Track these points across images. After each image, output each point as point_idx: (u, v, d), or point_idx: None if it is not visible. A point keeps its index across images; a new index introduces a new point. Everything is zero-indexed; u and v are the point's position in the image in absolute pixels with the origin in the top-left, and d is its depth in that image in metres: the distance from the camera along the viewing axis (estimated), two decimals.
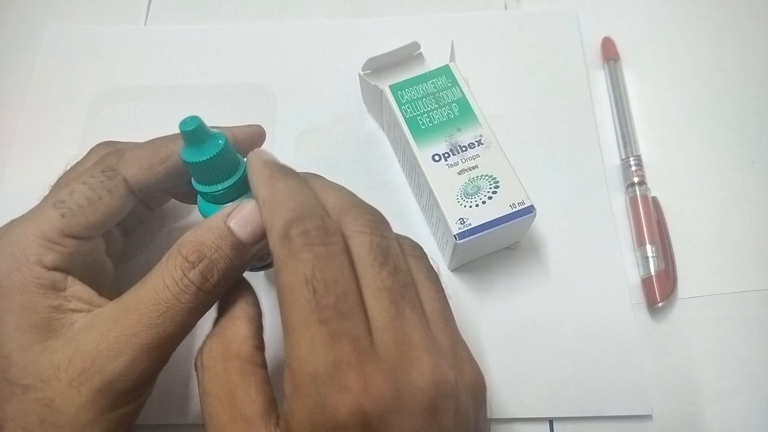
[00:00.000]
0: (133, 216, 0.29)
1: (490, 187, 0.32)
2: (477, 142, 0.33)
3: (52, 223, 0.25)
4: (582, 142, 0.39)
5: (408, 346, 0.21)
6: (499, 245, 0.35)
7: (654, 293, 0.35)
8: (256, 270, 0.30)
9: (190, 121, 0.24)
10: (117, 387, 0.23)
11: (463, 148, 0.33)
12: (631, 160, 0.38)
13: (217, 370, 0.23)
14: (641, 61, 0.42)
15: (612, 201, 0.38)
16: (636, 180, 0.37)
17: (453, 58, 0.36)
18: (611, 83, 0.41)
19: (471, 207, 0.31)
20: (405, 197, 0.38)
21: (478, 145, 0.33)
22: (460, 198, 0.32)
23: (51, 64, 0.43)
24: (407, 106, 0.34)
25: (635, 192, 0.37)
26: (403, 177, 0.38)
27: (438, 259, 0.36)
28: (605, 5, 0.44)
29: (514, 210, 0.31)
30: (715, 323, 0.35)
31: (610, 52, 0.42)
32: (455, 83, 0.35)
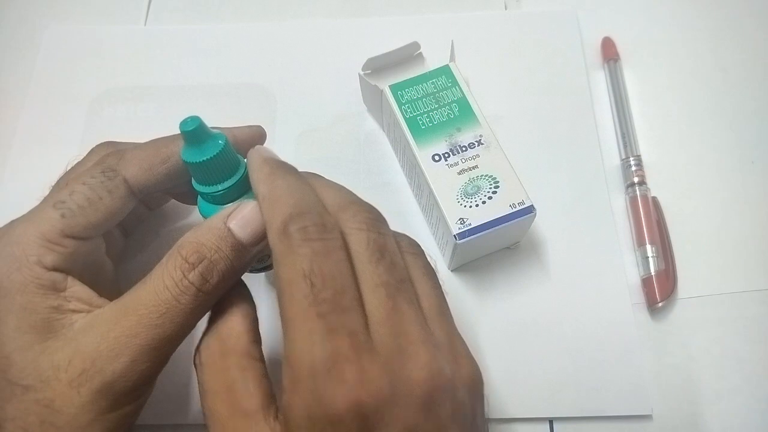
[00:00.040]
0: (134, 216, 0.29)
1: (490, 187, 0.32)
2: (477, 142, 0.33)
3: (53, 223, 0.25)
4: (582, 142, 0.39)
5: (405, 341, 0.21)
6: (499, 245, 0.35)
7: (654, 293, 0.35)
8: (256, 271, 0.30)
9: (191, 121, 0.24)
10: (117, 388, 0.23)
11: (463, 148, 0.33)
12: (631, 160, 0.38)
13: (216, 366, 0.23)
14: (641, 61, 0.42)
15: (612, 201, 0.38)
16: (636, 180, 0.37)
17: (453, 58, 0.36)
18: (611, 83, 0.41)
19: (471, 207, 0.31)
20: (405, 197, 0.38)
21: (478, 145, 0.33)
22: (460, 198, 0.32)
23: (51, 64, 0.42)
24: (407, 106, 0.34)
25: (635, 192, 0.37)
26: (403, 177, 0.38)
27: (438, 258, 0.36)
28: (605, 5, 0.44)
29: (514, 210, 0.31)
30: (715, 323, 0.35)
31: (610, 52, 0.42)
32: (455, 83, 0.35)
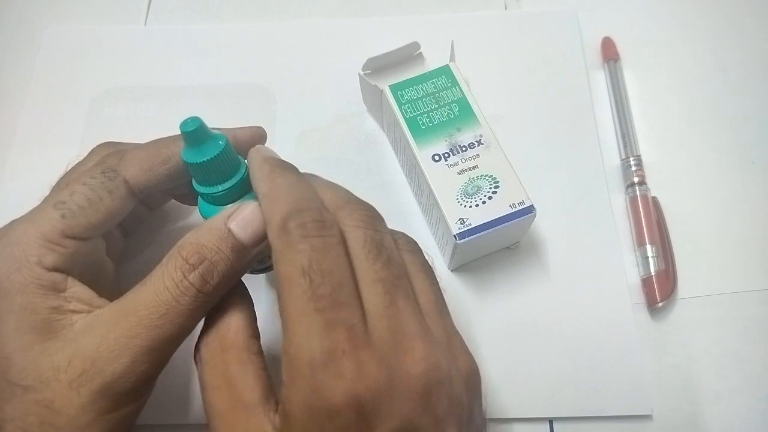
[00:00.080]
0: (134, 216, 0.29)
1: (490, 187, 0.32)
2: (477, 142, 0.33)
3: (53, 223, 0.25)
4: (582, 142, 0.39)
5: (402, 335, 0.22)
6: (499, 245, 0.35)
7: (654, 293, 0.35)
8: (257, 272, 0.30)
9: (191, 121, 0.24)
10: (117, 388, 0.23)
11: (463, 148, 0.33)
12: (631, 160, 0.38)
13: (215, 360, 0.23)
14: (641, 61, 0.42)
15: (612, 201, 0.38)
16: (636, 180, 0.37)
17: (453, 58, 0.36)
18: (611, 83, 0.41)
19: (471, 207, 0.31)
20: (405, 197, 0.38)
21: (478, 145, 0.33)
22: (460, 198, 0.32)
23: (51, 64, 0.42)
24: (407, 106, 0.34)
25: (635, 192, 0.37)
26: (403, 177, 0.38)
27: (438, 258, 0.36)
28: (605, 5, 0.44)
29: (514, 210, 0.31)
30: (715, 323, 0.35)
31: (610, 52, 0.42)
32: (455, 83, 0.35)
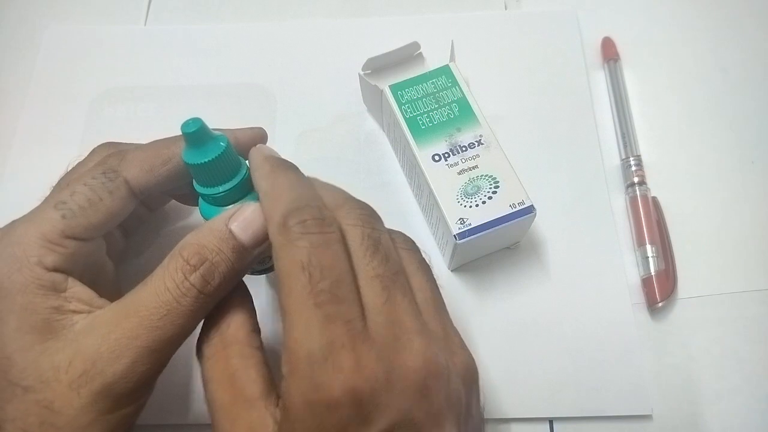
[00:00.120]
0: (134, 217, 0.29)
1: (490, 187, 0.32)
2: (477, 142, 0.33)
3: (53, 224, 0.25)
4: (582, 142, 0.39)
5: (399, 330, 0.22)
6: (499, 245, 0.35)
7: (654, 293, 0.35)
8: (257, 273, 0.30)
9: (192, 122, 0.24)
10: (117, 389, 0.23)
11: (463, 148, 0.33)
12: (631, 160, 0.38)
13: (217, 355, 0.24)
14: (641, 61, 0.42)
15: (612, 201, 0.38)
16: (636, 180, 0.37)
17: (453, 58, 0.36)
18: (611, 83, 0.41)
19: (471, 207, 0.31)
20: (405, 197, 0.38)
21: (478, 145, 0.33)
22: (460, 198, 0.32)
23: (51, 64, 0.42)
24: (407, 106, 0.34)
25: (635, 192, 0.37)
26: (403, 177, 0.38)
27: (438, 258, 0.36)
28: (605, 5, 0.44)
29: (514, 210, 0.31)
30: (715, 323, 0.35)
31: (610, 52, 0.42)
32: (455, 83, 0.35)
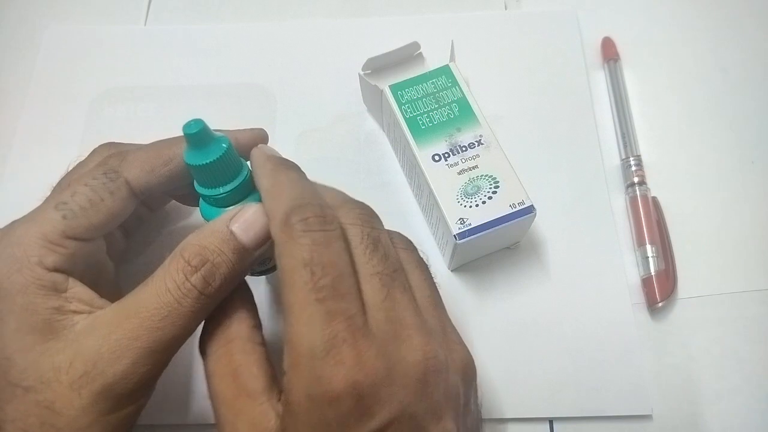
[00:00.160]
0: (135, 217, 0.29)
1: (490, 187, 0.32)
2: (477, 142, 0.33)
3: (54, 224, 0.25)
4: (582, 142, 0.39)
5: (399, 325, 0.22)
6: (499, 245, 0.35)
7: (654, 293, 0.35)
8: (257, 274, 0.30)
9: (194, 123, 0.24)
10: (118, 390, 0.23)
11: (463, 148, 0.33)
12: (631, 160, 0.38)
13: (220, 352, 0.24)
14: (641, 61, 0.42)
15: (612, 201, 0.38)
16: (636, 180, 0.37)
17: (453, 58, 0.36)
18: (611, 83, 0.41)
19: (471, 207, 0.31)
20: (405, 197, 0.38)
21: (478, 145, 0.33)
22: (460, 198, 0.32)
23: (51, 64, 0.42)
24: (407, 106, 0.34)
25: (635, 192, 0.37)
26: (403, 177, 0.38)
27: (438, 258, 0.36)
28: (605, 5, 0.44)
29: (514, 210, 0.31)
30: (715, 323, 0.35)
31: (610, 52, 0.42)
32: (455, 83, 0.35)
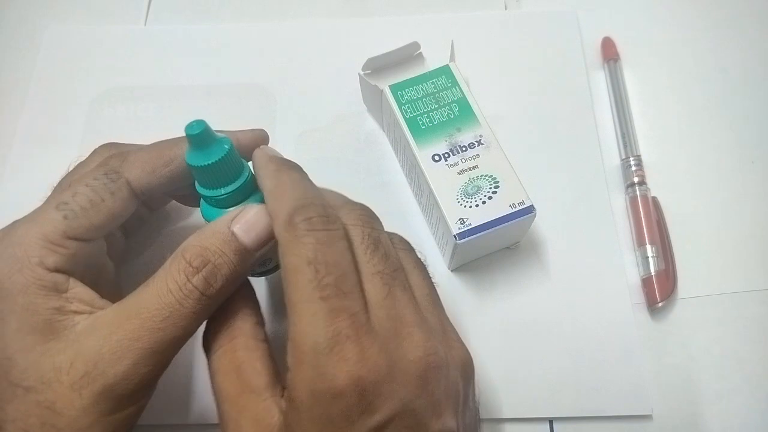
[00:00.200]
0: (135, 217, 0.29)
1: (490, 187, 0.32)
2: (477, 142, 0.33)
3: (55, 224, 0.25)
4: (582, 142, 0.39)
5: (400, 323, 0.23)
6: (499, 245, 0.35)
7: (654, 293, 0.35)
8: (257, 275, 0.30)
9: (196, 124, 0.24)
10: (118, 390, 0.23)
11: (463, 148, 0.33)
12: (631, 160, 0.38)
13: (224, 348, 0.24)
14: (641, 61, 0.42)
15: (612, 201, 0.38)
16: (636, 180, 0.37)
17: (453, 58, 0.36)
18: (611, 83, 0.41)
19: (471, 207, 0.31)
20: (405, 197, 0.38)
21: (478, 145, 0.33)
22: (460, 198, 0.32)
23: (51, 64, 0.42)
24: (407, 106, 0.34)
25: (635, 192, 0.37)
26: (403, 177, 0.38)
27: (438, 258, 0.36)
28: (605, 5, 0.44)
29: (514, 210, 0.31)
30: (715, 323, 0.35)
31: (610, 52, 0.42)
32: (455, 83, 0.35)
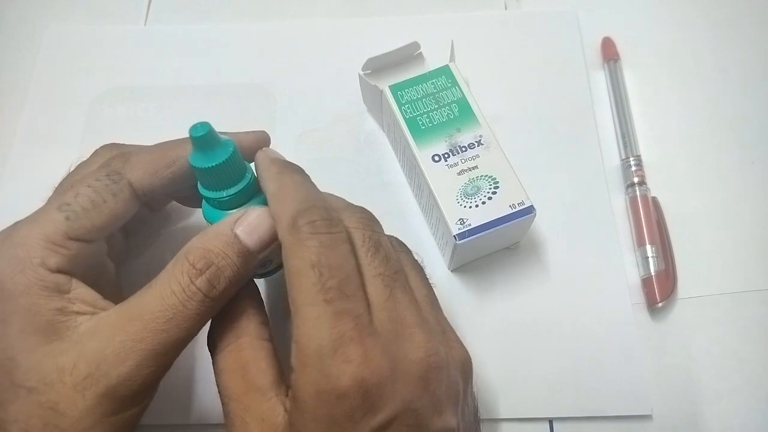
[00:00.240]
0: (136, 218, 0.29)
1: (490, 188, 0.32)
2: (477, 142, 0.33)
3: (57, 225, 0.25)
4: (582, 142, 0.39)
5: (402, 324, 0.23)
6: (499, 245, 0.35)
7: (654, 293, 0.35)
8: (258, 277, 0.30)
9: (201, 126, 0.24)
10: (121, 392, 0.23)
11: (463, 149, 0.33)
12: (631, 160, 0.38)
13: (229, 348, 0.25)
14: (641, 61, 0.42)
15: (612, 201, 0.38)
16: (636, 180, 0.37)
17: (453, 58, 0.36)
18: (611, 83, 0.41)
19: (471, 207, 0.31)
20: (405, 197, 0.38)
21: (478, 145, 0.33)
22: (460, 198, 0.32)
23: (51, 64, 0.42)
24: (407, 106, 0.34)
25: (635, 192, 0.37)
26: (403, 177, 0.38)
27: (438, 259, 0.36)
28: (605, 5, 0.44)
29: (514, 210, 0.31)
30: (715, 323, 0.35)
31: (610, 52, 0.42)
32: (455, 83, 0.35)
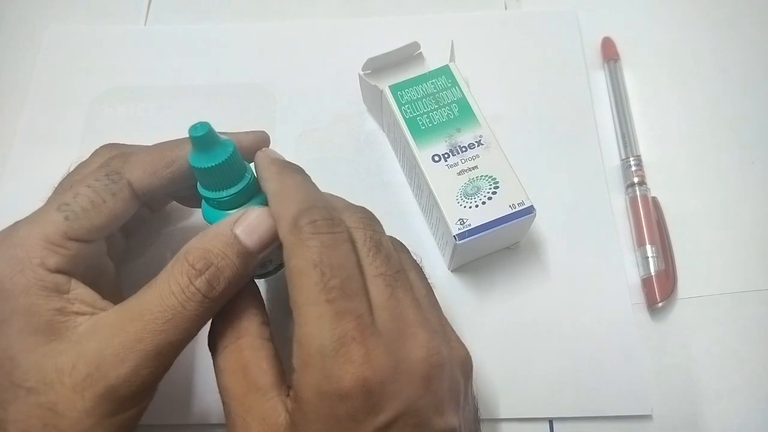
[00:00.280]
0: (135, 218, 0.29)
1: (490, 188, 0.32)
2: (477, 142, 0.33)
3: (56, 225, 0.24)
4: (582, 142, 0.39)
5: (404, 324, 0.23)
6: (499, 245, 0.35)
7: (654, 293, 0.35)
8: (258, 277, 0.30)
9: (200, 126, 0.24)
10: (121, 392, 0.23)
11: (463, 149, 0.33)
12: (631, 160, 0.38)
13: (230, 348, 0.24)
14: (641, 61, 0.42)
15: (612, 201, 0.38)
16: (636, 180, 0.37)
17: (453, 58, 0.36)
18: (611, 83, 0.41)
19: (471, 207, 0.31)
20: (405, 197, 0.38)
21: (478, 145, 0.33)
22: (460, 198, 0.32)
23: (51, 64, 0.42)
24: (407, 106, 0.34)
25: (635, 192, 0.37)
26: (403, 177, 0.38)
27: (438, 259, 0.36)
28: (605, 5, 0.44)
29: (514, 210, 0.31)
30: (715, 323, 0.35)
31: (610, 52, 0.42)
32: (455, 83, 0.35)
